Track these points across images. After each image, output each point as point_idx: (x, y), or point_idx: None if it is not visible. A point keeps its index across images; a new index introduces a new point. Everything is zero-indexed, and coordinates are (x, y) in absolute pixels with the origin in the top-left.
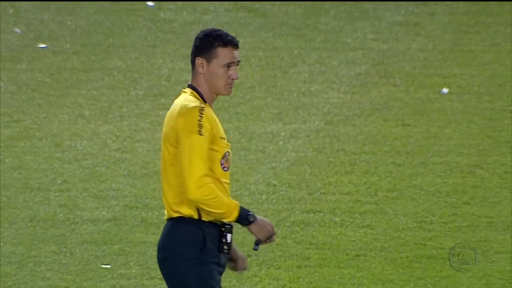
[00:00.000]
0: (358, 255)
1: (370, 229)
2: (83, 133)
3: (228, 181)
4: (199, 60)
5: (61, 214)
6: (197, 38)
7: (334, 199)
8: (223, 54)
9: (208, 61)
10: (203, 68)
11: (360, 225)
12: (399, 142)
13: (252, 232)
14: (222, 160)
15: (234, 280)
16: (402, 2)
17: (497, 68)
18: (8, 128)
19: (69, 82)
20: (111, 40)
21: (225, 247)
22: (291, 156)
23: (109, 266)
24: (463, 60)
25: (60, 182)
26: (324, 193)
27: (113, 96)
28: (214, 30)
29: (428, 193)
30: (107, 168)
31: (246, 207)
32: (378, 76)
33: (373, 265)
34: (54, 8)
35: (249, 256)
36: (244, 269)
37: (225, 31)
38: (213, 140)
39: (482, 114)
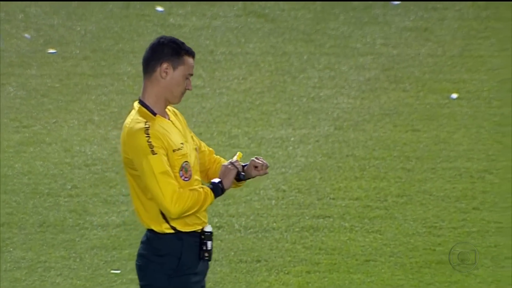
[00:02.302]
0: (367, 260)
1: (380, 234)
2: (92, 138)
3: (194, 185)
4: (164, 66)
5: (70, 220)
6: (161, 44)
7: (343, 204)
8: (188, 62)
9: (174, 67)
10: (166, 74)
11: (370, 230)
12: (408, 147)
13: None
14: (181, 172)
15: (244, 286)
16: (412, 7)
17: (507, 73)
18: (18, 134)
19: (79, 87)
20: (120, 45)
21: (206, 254)
22: (300, 161)
23: (118, 271)
24: (472, 65)
25: (69, 187)
26: (333, 198)
27: (123, 101)
28: (175, 38)
29: (437, 198)
30: (117, 174)
31: (255, 213)
32: (387, 81)
33: (383, 270)
34: (63, 13)
35: (259, 261)
36: (264, 172)
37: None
38: (167, 154)
39: (491, 120)
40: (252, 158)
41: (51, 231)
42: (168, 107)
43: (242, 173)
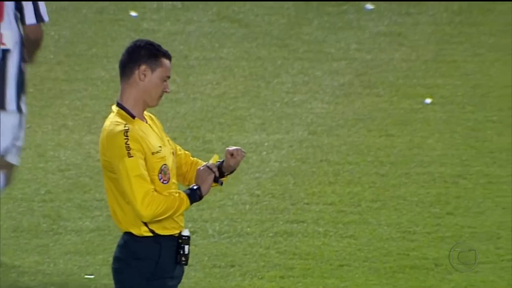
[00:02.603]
0: (341, 265)
1: (354, 239)
2: (66, 143)
3: (172, 188)
4: (142, 68)
5: (44, 225)
6: (138, 46)
7: (317, 209)
8: (166, 65)
9: (153, 69)
10: (144, 76)
11: (344, 235)
12: (382, 152)
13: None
14: (160, 175)
15: None
16: (386, 12)
17: (480, 78)
18: None
19: (53, 92)
20: (94, 50)
21: (183, 258)
22: (274, 166)
23: (92, 276)
24: (446, 70)
25: (43, 192)
26: (307, 203)
27: (97, 106)
28: (151, 41)
29: (411, 203)
30: (91, 179)
31: (229, 218)
32: (361, 86)
33: (357, 275)
34: None
35: (233, 266)
36: (242, 155)
37: None
38: (145, 158)
39: (465, 124)
40: (226, 148)
41: (25, 236)
42: (148, 114)
43: (220, 180)
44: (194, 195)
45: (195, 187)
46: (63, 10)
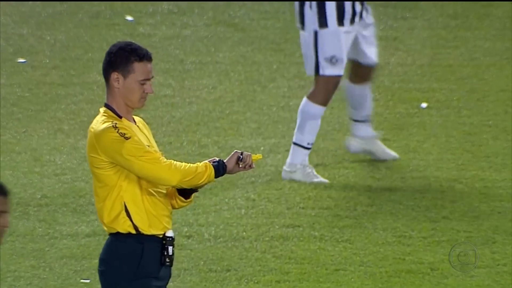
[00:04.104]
0: (337, 270)
1: (349, 243)
2: (62, 147)
3: (162, 191)
4: (114, 75)
5: (40, 229)
6: (110, 53)
7: (313, 214)
8: (140, 69)
9: (125, 75)
10: (118, 83)
11: (339, 240)
12: None
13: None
14: None
15: None
16: (381, 16)
17: (476, 82)
18: None
19: (48, 96)
20: (90, 54)
21: (167, 259)
22: (270, 170)
23: (88, 281)
24: (442, 74)
25: (39, 196)
26: (303, 208)
27: (92, 110)
28: (128, 44)
29: (407, 207)
30: (86, 183)
31: (225, 222)
32: None
33: (353, 279)
34: (33, 22)
35: (228, 270)
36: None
37: (138, 45)
38: None
39: (461, 129)
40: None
41: (20, 240)
42: (138, 119)
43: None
44: (219, 166)
45: (219, 159)
46: (59, 15)
